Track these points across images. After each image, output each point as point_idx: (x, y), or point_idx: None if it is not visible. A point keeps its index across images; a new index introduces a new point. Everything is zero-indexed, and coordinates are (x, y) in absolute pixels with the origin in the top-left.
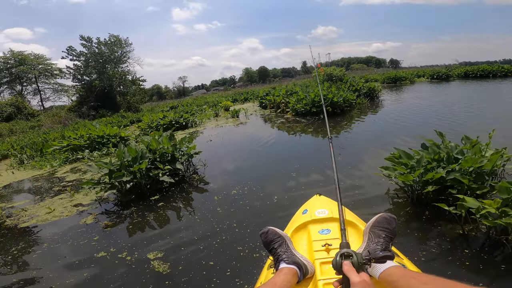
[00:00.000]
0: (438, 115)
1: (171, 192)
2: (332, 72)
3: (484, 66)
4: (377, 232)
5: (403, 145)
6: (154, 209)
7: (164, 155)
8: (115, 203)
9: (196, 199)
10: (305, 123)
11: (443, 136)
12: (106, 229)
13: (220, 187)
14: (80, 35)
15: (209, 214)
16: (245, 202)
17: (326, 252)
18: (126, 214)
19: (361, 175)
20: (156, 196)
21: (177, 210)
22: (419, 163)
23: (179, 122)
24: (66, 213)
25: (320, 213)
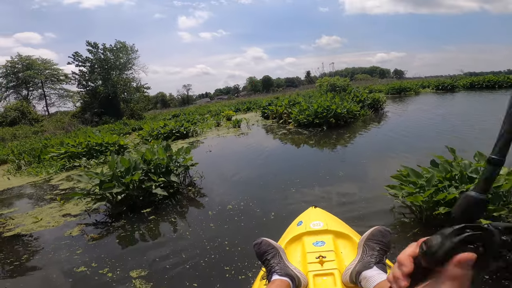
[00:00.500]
0: (443, 128)
1: (165, 204)
2: (336, 82)
3: (489, 76)
4: (371, 245)
5: (409, 161)
6: (145, 223)
7: (159, 166)
8: (106, 215)
9: (189, 213)
10: (307, 134)
11: (454, 153)
12: (91, 242)
13: (216, 201)
14: (87, 41)
15: (201, 230)
16: (240, 219)
17: (320, 265)
18: (115, 226)
19: (364, 190)
20: (148, 208)
21: (168, 224)
22: (430, 182)
23: (179, 131)
24: (53, 223)
25: (315, 225)
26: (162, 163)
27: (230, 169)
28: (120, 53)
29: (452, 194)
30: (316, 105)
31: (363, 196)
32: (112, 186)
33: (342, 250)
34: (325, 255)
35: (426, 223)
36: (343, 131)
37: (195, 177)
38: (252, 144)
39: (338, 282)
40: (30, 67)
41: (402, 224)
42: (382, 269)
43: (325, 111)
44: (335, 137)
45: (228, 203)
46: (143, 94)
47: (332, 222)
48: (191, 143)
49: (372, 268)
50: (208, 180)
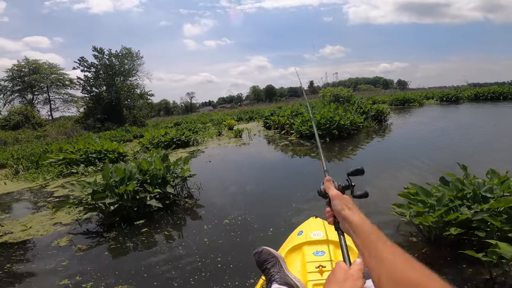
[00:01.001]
0: (448, 142)
1: (160, 216)
2: (340, 92)
3: (494, 87)
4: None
5: (413, 177)
6: (137, 235)
7: (155, 177)
8: (98, 225)
9: (184, 227)
10: (308, 146)
11: (466, 170)
12: (78, 253)
13: (213, 214)
14: (93, 46)
15: (195, 245)
16: (236, 234)
17: (320, 274)
18: (105, 237)
19: (367, 206)
20: (142, 220)
21: (161, 238)
22: (440, 202)
23: (180, 140)
24: (42, 232)
25: (315, 235)
26: (159, 173)
27: (229, 181)
28: (125, 59)
29: (465, 215)
30: (319, 116)
31: (366, 212)
32: (104, 196)
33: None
34: (325, 265)
35: (435, 243)
36: (346, 144)
37: (193, 188)
38: (252, 155)
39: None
40: (37, 71)
41: (409, 244)
42: None
43: (328, 122)
44: (338, 150)
45: (225, 217)
46: (147, 101)
47: (332, 232)
48: (192, 152)
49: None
50: (206, 191)
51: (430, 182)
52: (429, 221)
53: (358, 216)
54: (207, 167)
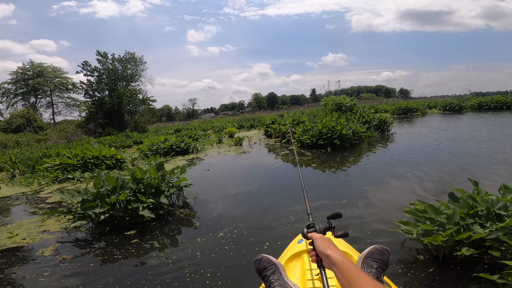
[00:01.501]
0: (456, 155)
1: (151, 227)
2: (342, 101)
3: (498, 97)
4: (369, 262)
5: (420, 191)
6: (126, 246)
7: (149, 186)
8: (87, 234)
9: (176, 239)
10: (309, 156)
11: (478, 186)
12: (62, 263)
13: (207, 227)
14: (97, 50)
15: (185, 259)
16: (230, 248)
17: (319, 282)
18: (92, 248)
19: (370, 221)
20: (133, 230)
21: (150, 250)
22: (451, 220)
23: (180, 147)
24: (28, 239)
25: None
26: (152, 183)
27: (226, 191)
28: (128, 64)
29: (479, 234)
30: (320, 125)
31: (369, 227)
32: (94, 206)
33: None
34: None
35: (443, 262)
36: (348, 154)
37: (189, 198)
38: (252, 164)
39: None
40: (41, 75)
41: (416, 262)
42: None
43: (330, 132)
44: (339, 160)
45: (220, 230)
46: (148, 106)
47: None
48: (191, 160)
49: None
50: (203, 201)
51: (436, 196)
52: (438, 241)
53: (339, 254)
54: (205, 175)
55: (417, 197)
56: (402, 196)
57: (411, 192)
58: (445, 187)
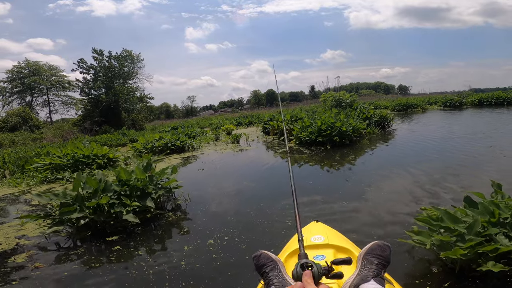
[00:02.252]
0: (463, 153)
1: (137, 232)
2: (342, 97)
3: (499, 93)
4: (370, 259)
5: (426, 193)
6: (106, 254)
7: (134, 188)
8: (67, 239)
9: (161, 247)
10: (308, 154)
11: (501, 189)
12: (34, 272)
13: (197, 233)
14: (93, 48)
15: (168, 269)
16: (218, 256)
17: None
18: (69, 255)
19: (374, 227)
20: (116, 236)
21: (132, 258)
22: (472, 229)
23: (175, 145)
24: (4, 245)
25: (316, 239)
26: (138, 185)
27: (220, 192)
28: (125, 62)
29: (506, 247)
30: (319, 121)
31: (373, 233)
32: (72, 210)
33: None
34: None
35: (460, 275)
36: (348, 151)
37: (180, 200)
38: (248, 163)
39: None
40: (36, 73)
41: (428, 275)
42: (380, 283)
43: (329, 128)
44: (338, 158)
45: (210, 236)
46: (146, 104)
47: (333, 236)
48: (186, 158)
49: (370, 281)
50: (194, 204)
51: (443, 198)
52: (458, 255)
53: None
54: (199, 175)
55: (423, 199)
56: (406, 198)
57: (415, 194)
58: (452, 187)
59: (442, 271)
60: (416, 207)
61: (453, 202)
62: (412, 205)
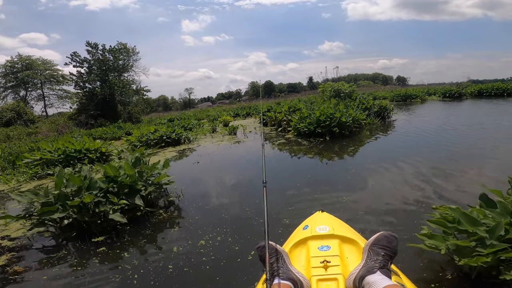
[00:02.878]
0: (468, 144)
1: (125, 232)
2: (341, 87)
3: (498, 84)
4: (376, 250)
5: (432, 189)
6: (90, 256)
7: (122, 185)
8: (50, 240)
9: (149, 248)
10: (306, 146)
11: None
12: (12, 276)
13: (188, 232)
14: (86, 41)
15: (154, 274)
16: (208, 259)
17: (324, 269)
18: (51, 258)
19: (378, 225)
20: (102, 237)
21: (117, 261)
22: (494, 233)
23: (170, 138)
24: None
25: (321, 229)
26: (125, 181)
27: (215, 187)
28: (120, 55)
29: None
30: (318, 112)
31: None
32: (53, 210)
33: (348, 255)
34: (329, 260)
35: (477, 281)
36: (347, 143)
37: (172, 197)
38: (245, 155)
39: (341, 287)
40: (30, 67)
41: (441, 281)
42: (386, 274)
43: (328, 119)
44: (337, 150)
45: (203, 236)
46: (142, 96)
47: (338, 227)
48: (182, 151)
49: (376, 273)
50: (187, 200)
51: (449, 193)
52: (479, 263)
53: None
54: (194, 169)
55: (426, 192)
56: (411, 194)
57: (418, 187)
58: (460, 181)
59: (457, 276)
60: (419, 201)
61: (461, 198)
62: (416, 198)
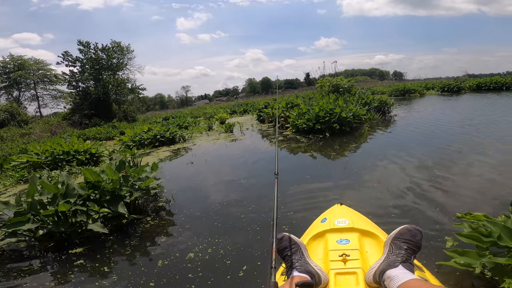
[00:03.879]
0: (475, 139)
1: (106, 242)
2: (340, 82)
3: (497, 78)
4: (398, 244)
5: (443, 192)
6: (66, 270)
7: (104, 192)
8: (26, 251)
9: (131, 261)
10: (305, 143)
11: None
12: None
13: (176, 244)
14: (78, 40)
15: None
16: (195, 276)
17: (343, 263)
18: (23, 272)
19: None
20: (81, 248)
21: (94, 276)
22: None
23: (164, 137)
24: None
25: (340, 222)
26: (107, 187)
27: (208, 191)
28: (114, 53)
29: None
30: (317, 108)
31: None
32: (24, 221)
33: (368, 249)
34: (349, 254)
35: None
36: (347, 140)
37: (161, 202)
38: (242, 154)
39: (360, 281)
40: (22, 67)
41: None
42: (408, 269)
43: (328, 115)
44: (338, 148)
45: (191, 248)
46: (138, 95)
47: (358, 220)
48: (176, 150)
49: (397, 267)
50: (178, 206)
51: (466, 197)
52: None
53: None
54: (187, 170)
55: (434, 192)
56: (424, 199)
57: (433, 192)
58: (479, 183)
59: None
60: (430, 200)
61: (480, 202)
62: (424, 198)
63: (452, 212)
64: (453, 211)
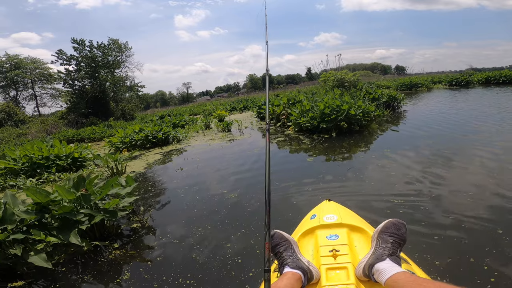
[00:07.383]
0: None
1: (56, 275)
2: (344, 76)
3: (506, 71)
4: (385, 237)
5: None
6: None
7: (53, 216)
8: None
9: None
10: (308, 144)
11: None
12: None
13: (142, 282)
14: (72, 38)
15: None
16: None
17: (333, 258)
18: None
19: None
20: (21, 281)
21: None
22: None
23: (157, 137)
24: None
25: (328, 218)
26: (55, 212)
27: (195, 206)
28: (110, 51)
29: None
30: (322, 104)
31: None
32: None
33: (357, 243)
34: (338, 249)
35: None
36: (356, 140)
37: (135, 223)
38: (238, 158)
39: (351, 275)
40: (18, 67)
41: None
42: (396, 262)
43: (334, 112)
44: (345, 151)
45: (174, 283)
46: (137, 93)
47: (346, 215)
48: (168, 152)
49: (385, 260)
50: (156, 226)
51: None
52: None
53: None
54: (174, 178)
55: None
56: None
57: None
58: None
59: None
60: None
61: None
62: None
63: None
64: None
